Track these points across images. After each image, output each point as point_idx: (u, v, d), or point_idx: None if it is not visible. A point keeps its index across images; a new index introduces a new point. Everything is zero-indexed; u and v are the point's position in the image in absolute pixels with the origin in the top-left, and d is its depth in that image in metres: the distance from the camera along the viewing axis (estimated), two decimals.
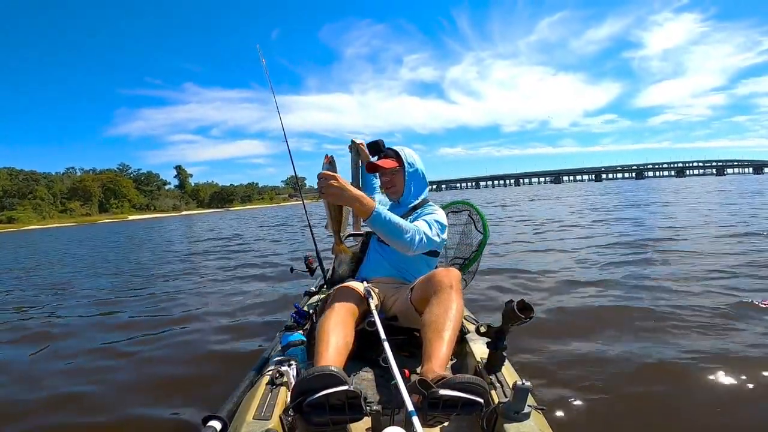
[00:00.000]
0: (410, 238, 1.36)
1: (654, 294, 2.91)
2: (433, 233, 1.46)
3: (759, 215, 7.34)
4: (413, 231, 1.38)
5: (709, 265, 3.64)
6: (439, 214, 1.57)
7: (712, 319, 2.34)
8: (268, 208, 67.20)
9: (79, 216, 64.27)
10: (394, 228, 1.33)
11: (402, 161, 1.64)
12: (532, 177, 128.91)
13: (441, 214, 1.58)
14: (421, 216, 1.56)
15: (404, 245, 1.37)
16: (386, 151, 1.69)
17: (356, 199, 1.25)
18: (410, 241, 1.36)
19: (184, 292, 4.28)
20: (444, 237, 1.56)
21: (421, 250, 1.43)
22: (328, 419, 0.98)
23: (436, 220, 1.52)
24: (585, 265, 4.15)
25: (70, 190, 69.88)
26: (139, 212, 72.74)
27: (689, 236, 5.42)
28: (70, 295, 4.82)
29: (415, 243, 1.38)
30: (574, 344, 2.15)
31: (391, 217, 1.33)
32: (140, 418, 1.76)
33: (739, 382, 1.68)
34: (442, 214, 1.59)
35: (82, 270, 7.18)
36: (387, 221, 1.31)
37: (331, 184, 1.22)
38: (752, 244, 4.59)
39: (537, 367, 1.90)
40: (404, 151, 1.66)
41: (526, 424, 1.00)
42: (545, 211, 12.28)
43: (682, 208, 10.31)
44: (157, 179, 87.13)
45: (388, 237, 1.35)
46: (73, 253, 11.27)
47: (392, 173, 1.65)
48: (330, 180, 1.22)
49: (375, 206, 1.28)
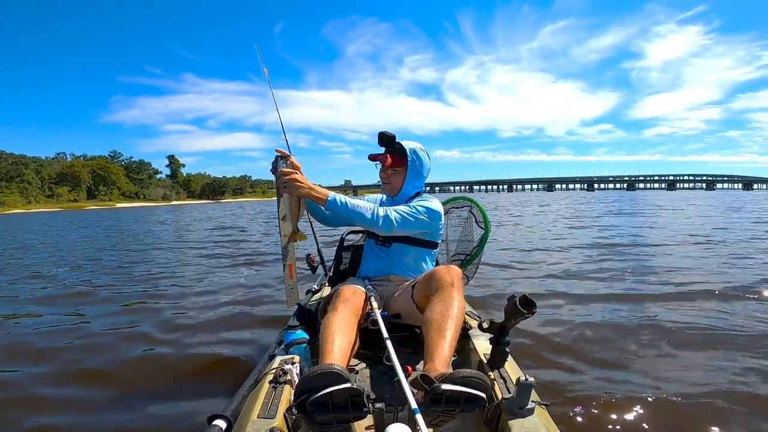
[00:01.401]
0: (372, 214, 1.43)
1: (656, 296, 2.95)
2: (409, 214, 1.48)
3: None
4: (374, 208, 1.44)
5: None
6: (428, 202, 1.56)
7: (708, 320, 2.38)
8: (259, 201, 66.81)
9: (66, 202, 63.18)
10: (352, 210, 1.42)
11: (407, 164, 1.61)
12: (526, 184, 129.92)
13: (433, 202, 1.57)
14: (409, 203, 1.56)
15: (369, 223, 1.45)
16: (397, 146, 1.63)
17: (313, 189, 1.39)
18: (373, 218, 1.43)
19: (184, 291, 4.21)
20: (436, 223, 1.56)
21: (395, 229, 1.46)
22: (331, 417, 0.98)
23: (421, 205, 1.52)
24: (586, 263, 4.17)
25: (59, 175, 68.61)
26: (128, 200, 71.69)
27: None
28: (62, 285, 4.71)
29: (379, 218, 1.43)
30: (574, 340, 2.20)
31: (347, 200, 1.43)
32: (145, 418, 1.75)
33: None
34: (436, 203, 1.58)
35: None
36: (343, 204, 1.41)
37: (296, 179, 1.36)
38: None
39: (539, 361, 1.94)
40: (416, 152, 1.62)
41: (530, 419, 1.00)
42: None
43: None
44: (149, 168, 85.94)
45: (351, 219, 1.48)
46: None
47: (393, 173, 1.63)
48: (293, 175, 1.36)
49: (329, 193, 1.40)
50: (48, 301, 3.89)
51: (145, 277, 5.03)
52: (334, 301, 1.36)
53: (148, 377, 2.16)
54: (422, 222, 1.51)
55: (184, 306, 3.57)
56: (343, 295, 1.38)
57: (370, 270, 1.67)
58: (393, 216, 1.44)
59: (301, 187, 1.37)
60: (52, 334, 2.90)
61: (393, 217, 1.44)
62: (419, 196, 1.66)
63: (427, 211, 1.52)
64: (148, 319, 3.16)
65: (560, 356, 2.01)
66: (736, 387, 1.70)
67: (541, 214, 14.52)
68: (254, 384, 1.23)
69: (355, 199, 1.44)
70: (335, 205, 1.41)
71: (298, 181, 1.36)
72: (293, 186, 1.36)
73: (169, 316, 3.20)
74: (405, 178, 1.62)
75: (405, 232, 1.51)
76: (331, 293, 1.47)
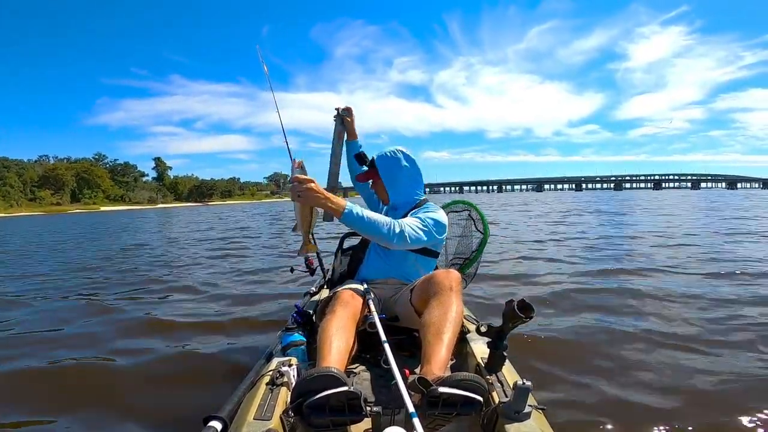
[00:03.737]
0: (388, 230, 1.34)
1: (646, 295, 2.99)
2: (421, 228, 1.44)
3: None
4: (391, 224, 1.36)
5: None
6: (436, 213, 1.55)
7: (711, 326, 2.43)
8: (248, 204, 66.24)
9: (49, 205, 61.72)
10: (368, 223, 1.32)
11: (377, 171, 1.66)
12: (515, 184, 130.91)
13: (440, 214, 1.57)
14: (416, 214, 1.54)
15: (383, 239, 1.35)
16: (367, 161, 1.71)
17: (329, 199, 1.27)
18: (388, 234, 1.34)
19: (182, 291, 4.16)
20: (442, 236, 1.55)
21: (408, 245, 1.41)
22: (328, 420, 0.98)
23: (431, 218, 1.51)
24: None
25: (42, 178, 66.92)
26: (113, 203, 70.27)
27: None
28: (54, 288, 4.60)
29: (395, 235, 1.35)
30: (571, 345, 2.22)
31: (365, 213, 1.33)
32: (140, 419, 1.73)
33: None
34: (442, 214, 1.58)
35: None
36: (359, 217, 1.31)
37: (310, 188, 1.24)
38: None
39: (536, 365, 1.94)
40: (383, 157, 1.66)
41: (527, 424, 1.00)
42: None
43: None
44: (134, 170, 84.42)
45: (365, 232, 1.37)
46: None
47: (374, 184, 1.69)
48: (307, 184, 1.24)
49: (346, 205, 1.30)
50: (36, 300, 3.80)
51: (142, 276, 4.96)
52: (333, 303, 1.36)
53: (143, 377, 2.14)
54: (432, 237, 1.49)
55: (181, 307, 3.54)
56: (341, 298, 1.37)
57: (369, 272, 1.66)
58: (407, 233, 1.39)
59: (317, 197, 1.26)
60: (44, 329, 2.87)
61: (407, 234, 1.39)
62: (424, 204, 1.65)
63: (436, 224, 1.51)
64: (144, 319, 3.13)
65: (557, 360, 2.01)
66: (736, 389, 1.71)
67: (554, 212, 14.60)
68: (251, 385, 1.23)
69: (370, 211, 1.37)
70: (350, 218, 1.31)
71: (314, 191, 1.25)
72: (308, 196, 1.25)
73: (165, 317, 3.17)
74: (382, 184, 1.67)
75: (415, 246, 1.47)
76: (329, 296, 1.47)
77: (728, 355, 2.03)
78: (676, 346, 2.14)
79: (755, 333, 2.28)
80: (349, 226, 1.36)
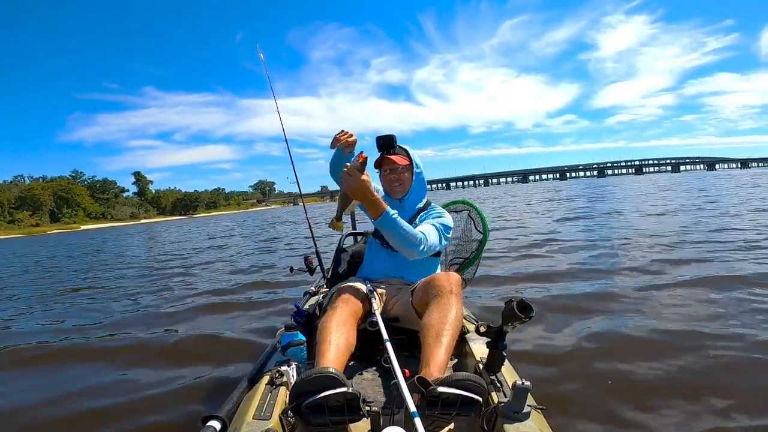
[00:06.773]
0: (417, 244, 1.38)
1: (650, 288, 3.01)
2: (439, 238, 1.50)
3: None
4: (420, 238, 1.39)
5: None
6: (444, 218, 1.59)
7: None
8: (235, 214, 65.53)
9: (27, 227, 60.10)
10: (401, 232, 1.34)
11: (412, 161, 1.63)
12: (501, 177, 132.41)
13: (447, 217, 1.61)
14: (428, 219, 1.57)
15: (410, 250, 1.38)
16: (397, 148, 1.64)
17: (372, 197, 1.29)
18: (416, 247, 1.38)
19: (181, 291, 4.20)
20: (450, 239, 1.60)
21: (423, 256, 1.44)
22: (327, 420, 0.98)
23: (443, 224, 1.54)
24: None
25: (18, 199, 65.27)
26: (94, 221, 68.94)
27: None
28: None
29: (420, 250, 1.39)
30: (571, 345, 2.15)
31: (401, 222, 1.34)
32: (139, 418, 1.74)
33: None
34: (448, 217, 1.61)
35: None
36: (395, 223, 1.32)
37: (363, 180, 1.25)
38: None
39: (535, 365, 1.91)
40: (413, 152, 1.65)
41: (526, 423, 1.00)
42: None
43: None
44: (114, 186, 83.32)
45: (394, 240, 1.37)
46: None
47: (402, 171, 1.63)
48: (361, 177, 1.26)
49: (386, 208, 1.31)
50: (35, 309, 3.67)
51: (141, 277, 4.93)
52: (335, 299, 1.36)
53: (142, 377, 2.14)
54: (444, 242, 1.54)
55: (181, 306, 3.57)
56: (343, 294, 1.38)
57: (371, 271, 1.64)
58: (431, 244, 1.43)
59: (359, 191, 1.27)
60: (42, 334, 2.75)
61: (430, 245, 1.42)
62: (430, 206, 1.66)
63: (446, 229, 1.55)
64: (142, 319, 3.14)
65: (557, 360, 1.97)
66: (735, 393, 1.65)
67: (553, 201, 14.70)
68: (250, 385, 1.24)
69: (403, 220, 1.36)
70: (386, 220, 1.31)
71: (363, 183, 1.25)
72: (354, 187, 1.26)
73: (165, 316, 3.18)
74: (413, 176, 1.64)
75: (429, 254, 1.49)
76: (332, 291, 1.47)
77: (736, 356, 1.92)
78: (676, 346, 2.05)
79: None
80: (380, 228, 1.37)
